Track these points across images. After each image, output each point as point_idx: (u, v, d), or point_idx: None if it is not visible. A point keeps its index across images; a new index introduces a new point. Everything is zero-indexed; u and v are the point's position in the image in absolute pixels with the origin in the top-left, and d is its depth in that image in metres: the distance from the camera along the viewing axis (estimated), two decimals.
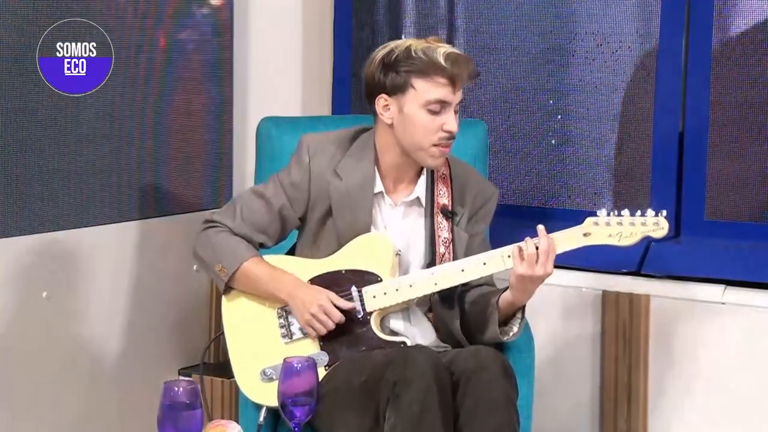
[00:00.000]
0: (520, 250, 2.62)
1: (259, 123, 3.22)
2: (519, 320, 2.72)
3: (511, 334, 2.72)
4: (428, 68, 2.65)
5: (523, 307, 2.71)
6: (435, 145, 2.69)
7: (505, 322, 2.72)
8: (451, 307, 2.76)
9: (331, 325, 2.69)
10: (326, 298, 2.70)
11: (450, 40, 3.55)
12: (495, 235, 2.89)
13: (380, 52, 2.72)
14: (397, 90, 2.68)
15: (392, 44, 2.72)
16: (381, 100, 2.71)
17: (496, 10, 3.53)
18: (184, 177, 3.52)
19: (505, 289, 2.69)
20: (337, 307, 2.69)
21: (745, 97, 3.24)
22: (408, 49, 2.67)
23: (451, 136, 2.69)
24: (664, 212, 2.64)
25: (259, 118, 3.24)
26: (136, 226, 3.40)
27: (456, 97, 2.68)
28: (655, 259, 3.23)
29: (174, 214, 3.49)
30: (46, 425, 3.20)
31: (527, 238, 2.63)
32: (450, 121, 2.68)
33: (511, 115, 3.51)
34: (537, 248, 2.61)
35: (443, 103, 2.67)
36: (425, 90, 2.66)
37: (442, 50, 2.66)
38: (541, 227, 2.64)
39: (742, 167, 3.25)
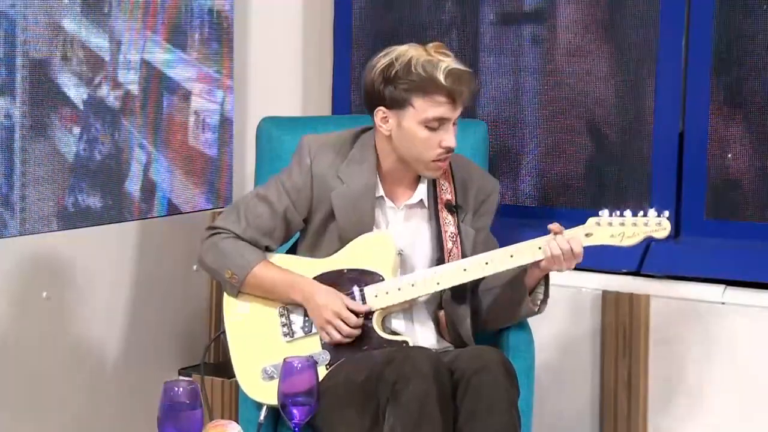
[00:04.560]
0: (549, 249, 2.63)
1: (259, 123, 3.22)
2: (542, 287, 2.73)
3: (538, 301, 2.73)
4: (428, 86, 2.61)
5: (547, 275, 2.72)
6: (434, 161, 2.68)
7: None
8: (463, 306, 2.77)
9: (347, 330, 2.68)
10: (341, 303, 2.69)
11: (448, 41, 3.55)
12: (495, 235, 2.88)
13: (381, 61, 2.67)
14: (395, 105, 2.66)
15: (393, 53, 2.66)
16: (380, 113, 2.69)
17: (494, 12, 3.53)
18: (184, 177, 3.51)
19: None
20: (354, 313, 2.69)
21: (745, 97, 3.24)
22: (408, 63, 2.62)
23: (449, 151, 2.68)
24: (666, 213, 2.65)
25: (259, 118, 3.24)
26: (136, 226, 3.40)
27: (456, 114, 2.66)
28: (655, 259, 3.23)
29: (174, 214, 3.49)
30: (47, 425, 3.19)
31: (549, 239, 2.64)
32: (448, 137, 2.65)
33: (511, 115, 3.51)
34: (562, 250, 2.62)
35: (442, 120, 2.64)
36: (424, 108, 2.63)
37: (443, 65, 2.61)
38: (555, 227, 2.66)
39: (742, 167, 3.25)
